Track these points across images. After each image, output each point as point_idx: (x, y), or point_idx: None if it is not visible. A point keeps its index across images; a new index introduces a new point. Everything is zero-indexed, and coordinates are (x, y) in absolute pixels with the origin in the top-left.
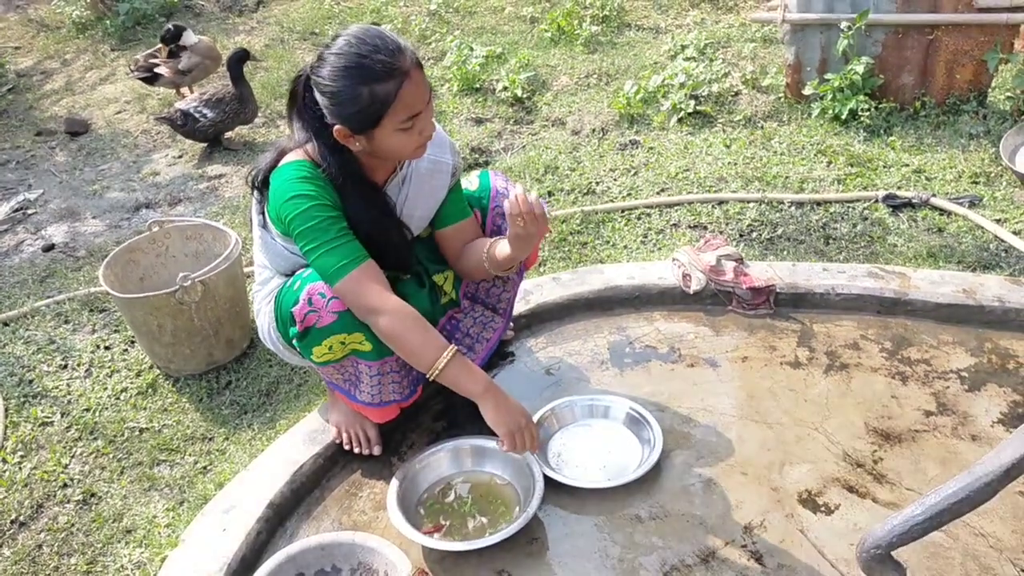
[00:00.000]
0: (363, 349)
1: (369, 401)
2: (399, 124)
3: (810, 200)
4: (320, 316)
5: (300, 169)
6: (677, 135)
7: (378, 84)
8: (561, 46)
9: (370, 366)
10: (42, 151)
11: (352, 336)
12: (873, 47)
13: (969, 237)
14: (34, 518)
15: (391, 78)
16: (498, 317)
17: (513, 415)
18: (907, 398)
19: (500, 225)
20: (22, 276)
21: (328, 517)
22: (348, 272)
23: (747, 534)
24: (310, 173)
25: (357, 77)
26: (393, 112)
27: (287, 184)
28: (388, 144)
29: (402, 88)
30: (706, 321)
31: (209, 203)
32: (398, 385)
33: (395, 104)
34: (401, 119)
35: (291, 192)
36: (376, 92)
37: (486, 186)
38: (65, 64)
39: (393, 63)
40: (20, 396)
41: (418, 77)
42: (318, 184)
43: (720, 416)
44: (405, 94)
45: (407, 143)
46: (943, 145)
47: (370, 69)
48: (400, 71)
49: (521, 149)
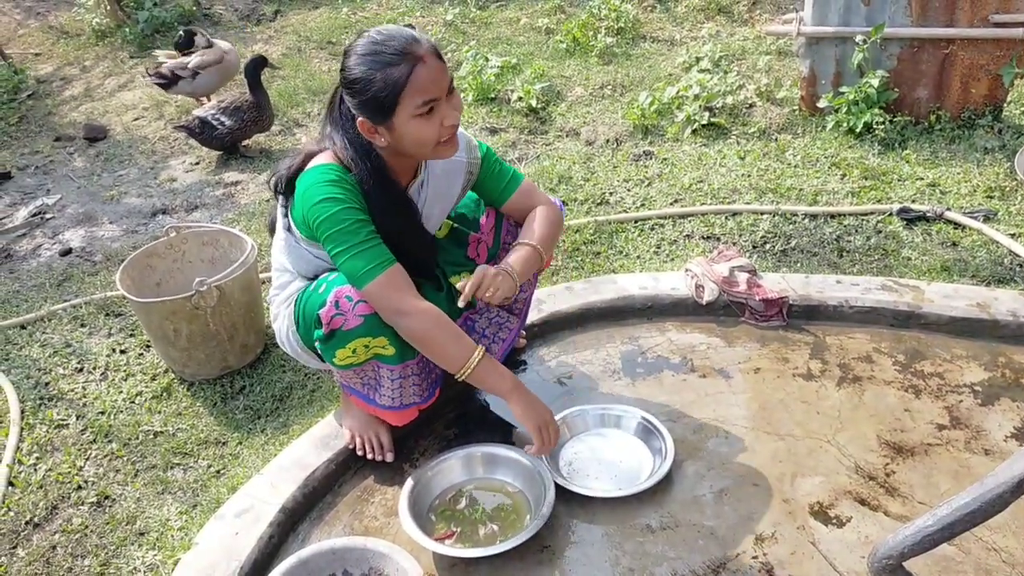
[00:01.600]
0: (386, 353)
1: (389, 405)
2: (415, 109)
3: (824, 212)
4: (346, 319)
5: (328, 172)
6: (691, 146)
7: (390, 68)
8: (576, 57)
9: (392, 370)
10: (61, 156)
11: (376, 340)
12: (888, 60)
13: (983, 251)
14: (48, 519)
15: (403, 62)
16: (513, 317)
17: (540, 411)
18: (920, 411)
19: (516, 226)
20: (39, 280)
21: (340, 522)
22: (376, 275)
23: (758, 545)
24: (338, 176)
25: (371, 63)
26: (407, 96)
27: (316, 187)
28: (409, 134)
29: (414, 71)
30: (719, 332)
31: (225, 209)
32: (418, 388)
33: (407, 87)
34: (416, 103)
35: (320, 195)
36: (389, 76)
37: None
38: (84, 71)
39: (405, 48)
40: (36, 398)
41: (433, 63)
42: (346, 188)
43: (732, 427)
44: (417, 78)
45: (428, 132)
46: (958, 159)
47: (382, 55)
48: (412, 56)
49: (535, 159)
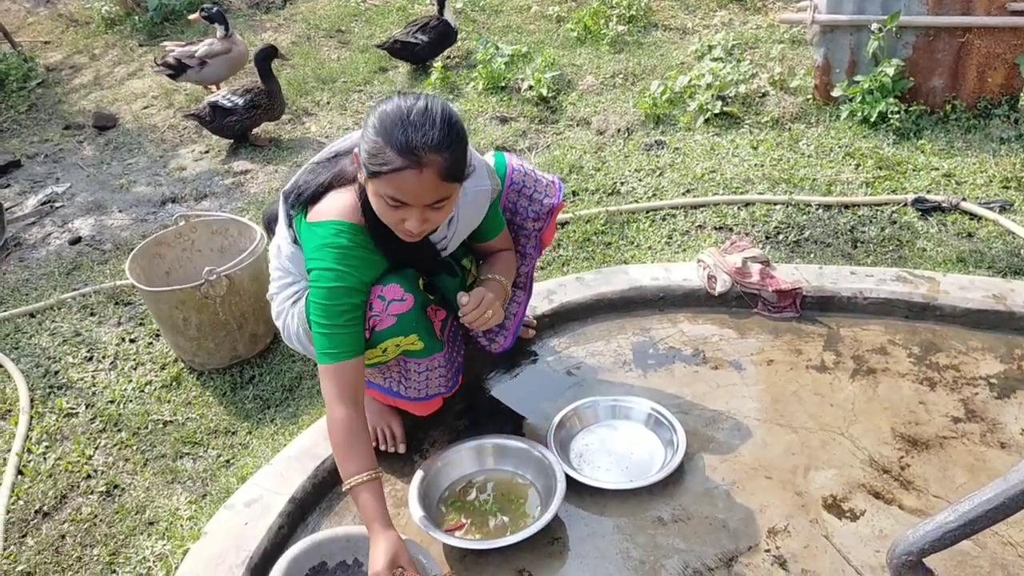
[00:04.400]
0: (415, 349)
1: (416, 396)
2: (385, 196)
3: (838, 203)
4: (381, 319)
5: (339, 236)
6: (703, 136)
7: (390, 150)
8: (587, 45)
9: (419, 363)
10: (70, 145)
11: (408, 338)
12: (903, 49)
13: (999, 242)
14: (58, 508)
15: (402, 156)
16: (520, 291)
17: (382, 559)
18: (935, 404)
19: (515, 202)
20: (49, 268)
21: (349, 513)
22: (336, 361)
23: (771, 539)
24: (347, 242)
25: (384, 130)
26: (382, 181)
27: (320, 250)
28: (374, 201)
29: (402, 172)
30: (731, 323)
31: (235, 198)
32: (443, 378)
33: (386, 177)
34: (386, 192)
35: (321, 262)
36: (384, 154)
37: (501, 163)
38: (94, 59)
39: (416, 148)
40: (46, 387)
41: (428, 179)
42: (353, 255)
43: (744, 419)
44: (401, 179)
45: (388, 216)
46: (974, 149)
47: (395, 135)
48: (415, 160)
49: (546, 148)
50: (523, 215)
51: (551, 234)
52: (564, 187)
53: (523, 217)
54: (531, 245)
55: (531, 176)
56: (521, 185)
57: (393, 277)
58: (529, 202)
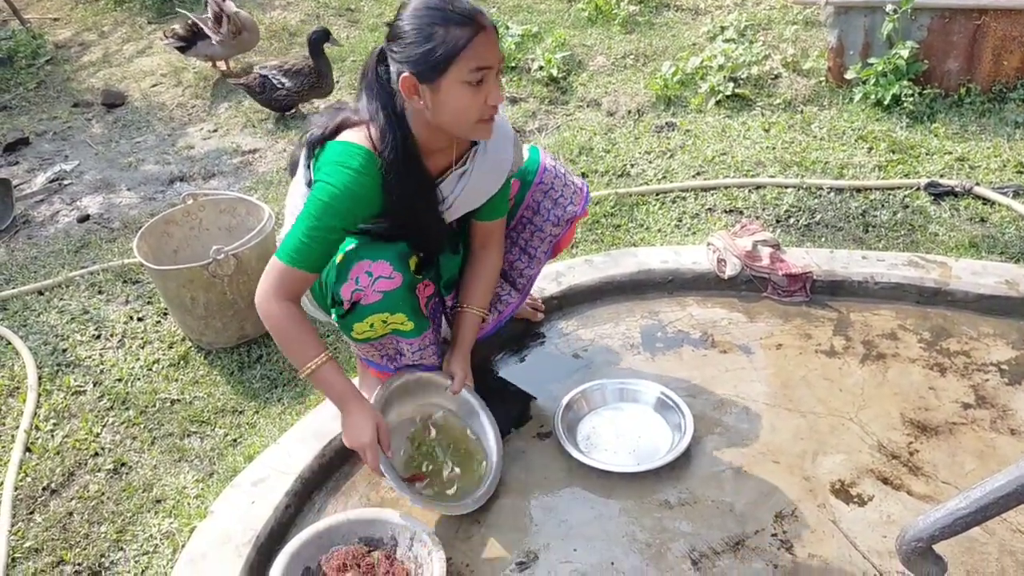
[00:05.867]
0: (404, 328)
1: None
2: (467, 75)
3: (850, 187)
4: (365, 294)
5: (353, 157)
6: (714, 118)
7: (454, 26)
8: (598, 26)
9: (411, 343)
10: (79, 122)
11: (395, 316)
12: (918, 31)
13: (1012, 227)
14: (65, 486)
15: (467, 26)
16: (515, 292)
17: (358, 432)
18: (945, 390)
19: (539, 203)
20: (57, 246)
21: (356, 492)
22: (290, 264)
23: (778, 523)
24: (359, 165)
25: (436, 17)
26: (464, 58)
27: (331, 166)
28: (452, 101)
29: (476, 37)
30: (740, 307)
31: (243, 177)
32: (436, 356)
33: (467, 50)
34: (471, 67)
35: (329, 177)
36: (450, 33)
37: (535, 160)
38: (102, 36)
39: (472, 13)
40: (53, 365)
41: (493, 38)
42: (359, 181)
43: (752, 403)
44: (478, 43)
45: (472, 104)
46: (988, 133)
47: (450, 12)
48: (477, 23)
49: (556, 130)
50: (544, 217)
51: (567, 241)
52: (588, 189)
53: (543, 219)
54: (543, 249)
55: (560, 179)
56: (549, 187)
57: (385, 253)
58: (553, 205)
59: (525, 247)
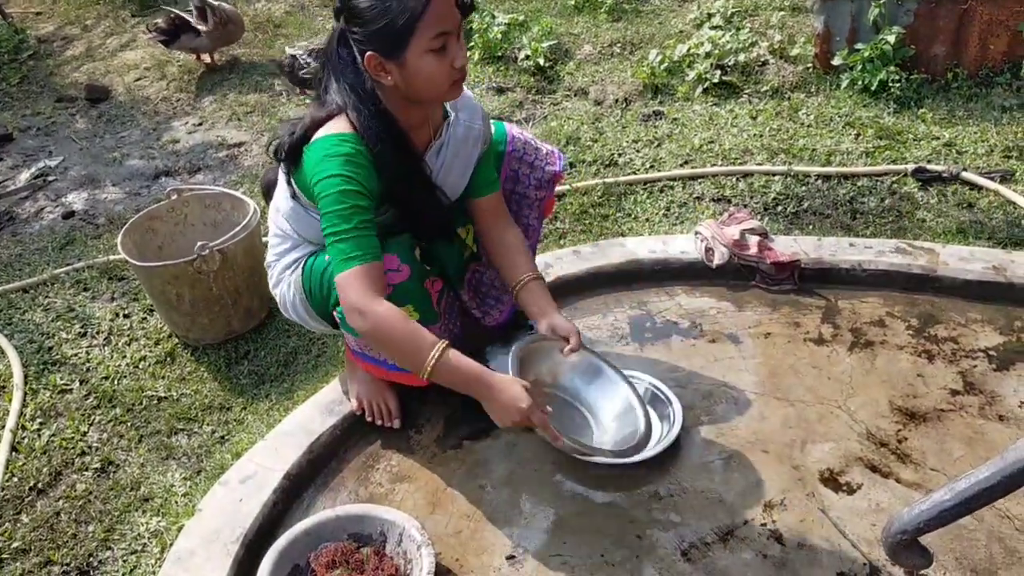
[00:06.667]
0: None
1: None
2: (429, 42)
3: (837, 173)
4: None
5: (340, 144)
6: (702, 106)
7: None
8: (584, 14)
9: None
10: (62, 118)
11: (403, 308)
12: (904, 16)
13: (1000, 213)
14: (52, 485)
15: None
16: None
17: (512, 409)
18: (933, 377)
19: (517, 170)
20: (42, 243)
21: (345, 489)
22: (354, 265)
23: (767, 512)
24: (351, 149)
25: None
26: (423, 26)
27: (324, 161)
28: (421, 71)
29: (431, 2)
30: (729, 296)
31: (228, 171)
32: None
33: (424, 16)
34: (431, 35)
35: (326, 171)
36: (405, 3)
37: (501, 131)
38: (85, 30)
39: None
40: (39, 363)
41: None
42: (356, 162)
43: (741, 393)
44: (434, 8)
45: (440, 70)
46: (975, 118)
47: None
48: None
49: (543, 119)
50: (525, 183)
51: (551, 205)
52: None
53: (525, 186)
54: (534, 216)
55: (531, 144)
56: (522, 152)
57: (390, 246)
58: (531, 169)
59: (516, 219)
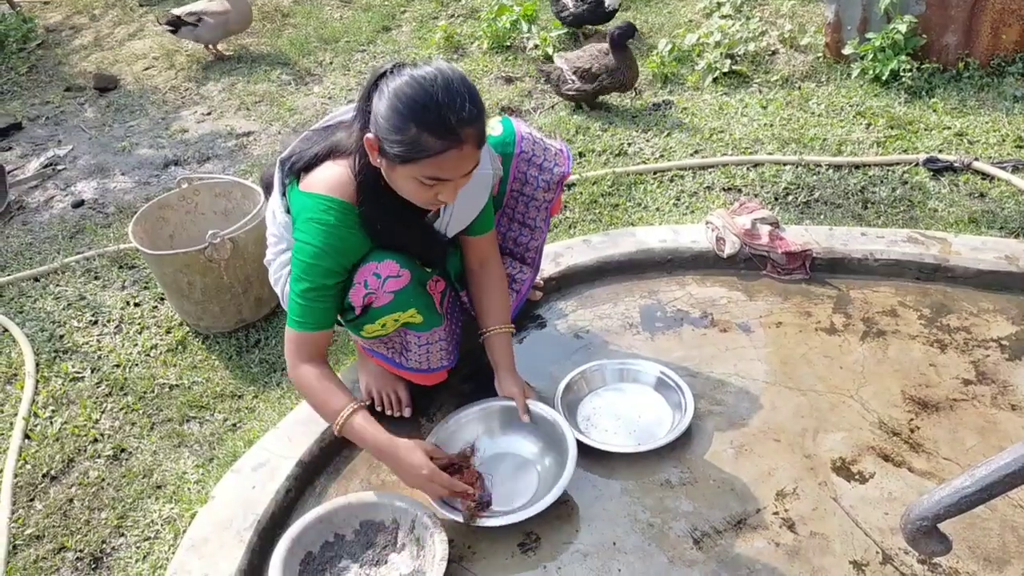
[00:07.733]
0: (414, 322)
1: (417, 367)
2: (422, 178)
3: (848, 163)
4: (377, 296)
5: (327, 212)
6: (712, 95)
7: (429, 135)
8: None
9: (419, 336)
10: (71, 107)
11: (406, 313)
12: (916, 5)
13: (1012, 202)
14: (65, 472)
15: (444, 139)
16: (526, 267)
17: (413, 473)
18: (945, 366)
19: (525, 172)
20: (52, 232)
21: (357, 476)
22: (300, 330)
23: (779, 501)
24: (334, 220)
25: (416, 113)
26: (424, 166)
27: (308, 223)
28: (402, 185)
29: (446, 153)
30: (740, 286)
31: (238, 160)
32: (445, 352)
33: (431, 161)
34: (427, 174)
35: (306, 235)
36: (422, 139)
37: (510, 131)
38: (94, 19)
39: (455, 127)
40: (51, 351)
41: (469, 153)
42: (336, 235)
43: (753, 382)
44: (446, 160)
45: (419, 195)
46: (987, 108)
47: (431, 117)
48: (456, 139)
49: (551, 109)
50: (533, 185)
51: (558, 205)
52: (571, 150)
53: (533, 188)
54: (541, 218)
55: (540, 144)
56: (531, 155)
57: (388, 253)
58: (539, 171)
59: (524, 220)
